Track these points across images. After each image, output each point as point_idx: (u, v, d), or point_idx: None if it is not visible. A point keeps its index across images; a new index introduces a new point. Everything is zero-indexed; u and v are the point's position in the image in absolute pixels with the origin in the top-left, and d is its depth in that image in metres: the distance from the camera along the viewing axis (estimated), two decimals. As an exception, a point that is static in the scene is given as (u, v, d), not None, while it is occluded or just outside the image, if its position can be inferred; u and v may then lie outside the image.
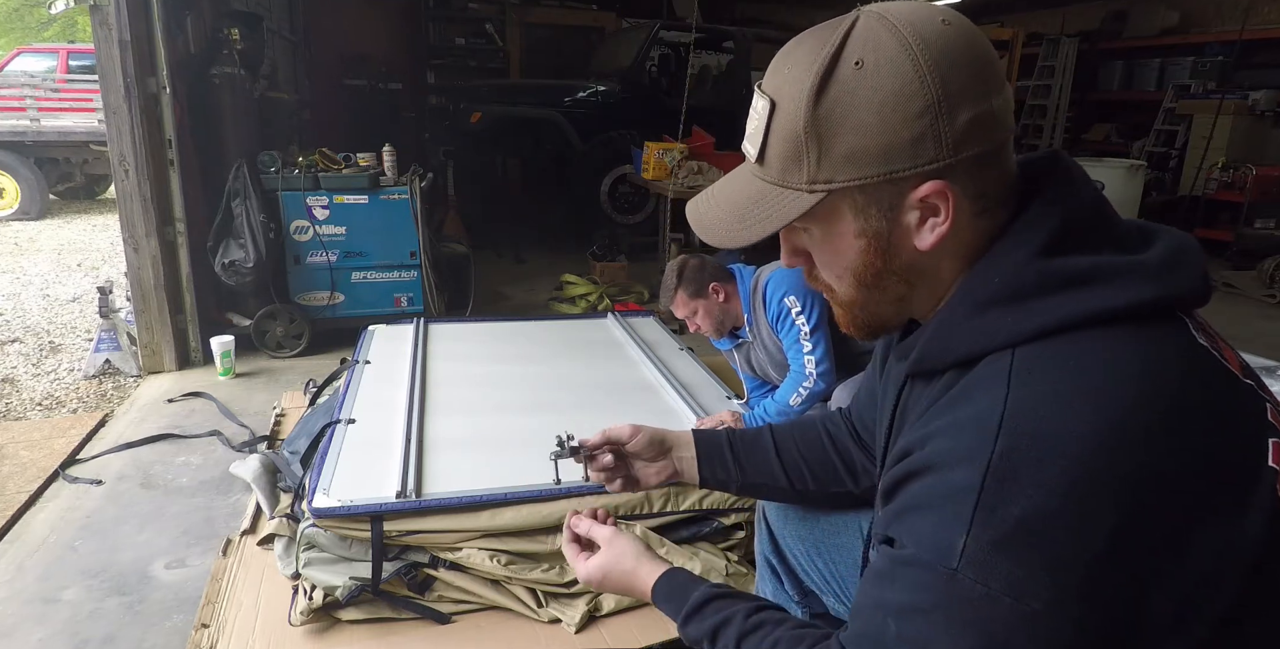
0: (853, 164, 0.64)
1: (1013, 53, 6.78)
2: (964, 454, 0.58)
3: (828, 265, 0.72)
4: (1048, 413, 0.56)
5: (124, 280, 3.51)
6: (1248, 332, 4.44)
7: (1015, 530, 0.55)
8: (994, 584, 0.55)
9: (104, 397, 3.25)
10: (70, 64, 8.40)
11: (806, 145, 0.65)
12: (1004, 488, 0.55)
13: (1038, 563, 0.54)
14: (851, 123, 0.62)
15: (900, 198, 0.65)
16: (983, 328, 0.63)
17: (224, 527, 2.15)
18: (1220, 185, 6.48)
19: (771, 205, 0.68)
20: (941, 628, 0.57)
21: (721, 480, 1.08)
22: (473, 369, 2.55)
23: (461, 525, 1.68)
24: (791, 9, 10.41)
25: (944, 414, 0.63)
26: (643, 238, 5.85)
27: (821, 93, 0.63)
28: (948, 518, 0.57)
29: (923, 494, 0.60)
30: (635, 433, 1.06)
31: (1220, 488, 0.57)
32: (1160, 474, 0.55)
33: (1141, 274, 0.61)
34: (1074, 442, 0.55)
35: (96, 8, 3.00)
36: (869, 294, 0.71)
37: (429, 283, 3.79)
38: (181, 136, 3.29)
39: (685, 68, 6.08)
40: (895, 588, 0.61)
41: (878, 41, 0.62)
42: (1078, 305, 0.60)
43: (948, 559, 0.56)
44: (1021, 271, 0.63)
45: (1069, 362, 0.59)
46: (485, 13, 8.14)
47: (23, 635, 1.74)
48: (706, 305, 2.29)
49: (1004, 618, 0.55)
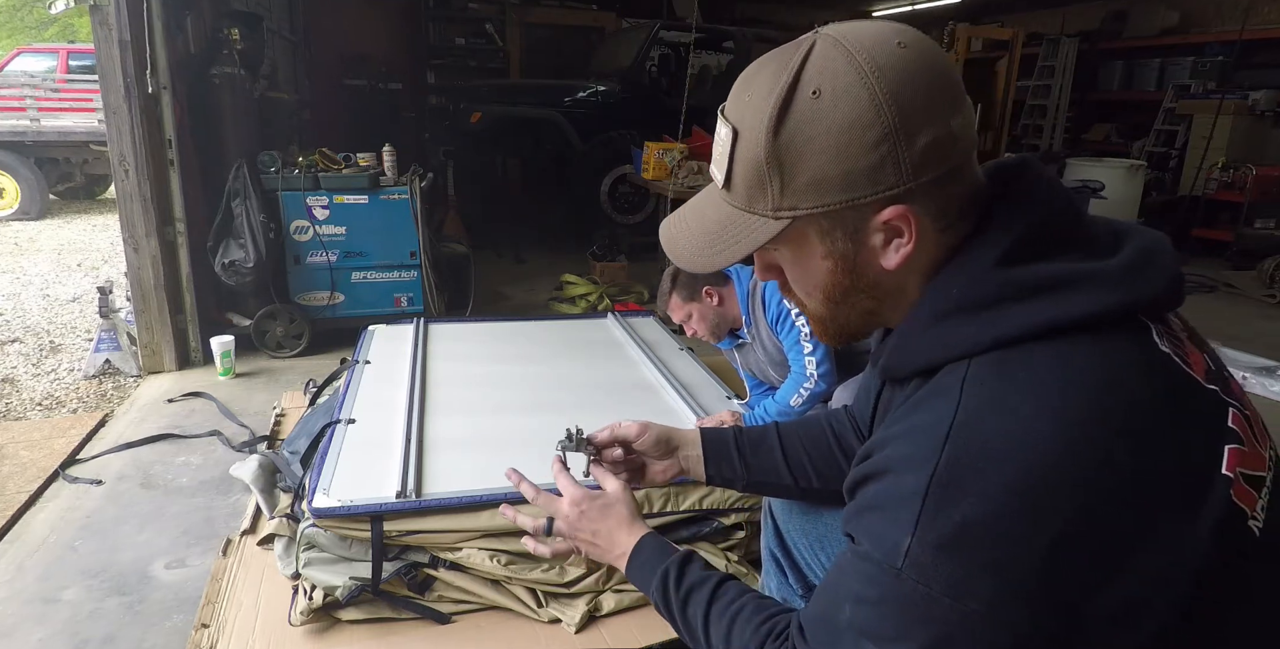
0: (815, 192, 0.65)
1: (1013, 53, 6.79)
2: (914, 461, 0.60)
3: (798, 283, 0.75)
4: (995, 424, 0.58)
5: (124, 280, 3.51)
6: (1248, 332, 4.44)
7: (956, 535, 0.56)
8: (935, 586, 0.57)
9: (104, 397, 3.25)
10: (70, 64, 8.40)
11: (769, 174, 0.65)
12: (947, 494, 0.57)
13: (977, 566, 0.56)
14: (811, 152, 0.63)
15: (864, 222, 0.66)
16: (941, 338, 0.65)
17: (224, 527, 2.15)
18: (1220, 185, 6.48)
19: (740, 230, 0.70)
20: (888, 620, 0.60)
21: (728, 478, 1.09)
22: (473, 369, 2.55)
23: (461, 525, 1.68)
24: (791, 9, 10.41)
25: (902, 420, 0.65)
26: (643, 238, 5.85)
27: (780, 123, 0.63)
28: (895, 520, 0.59)
29: (876, 496, 0.63)
30: (643, 431, 1.07)
31: (1168, 498, 0.57)
32: (1105, 485, 0.56)
33: (1102, 281, 0.62)
34: (1019, 452, 0.56)
35: (96, 8, 3.00)
36: (837, 309, 0.73)
37: (429, 283, 3.79)
38: (181, 136, 3.29)
39: (685, 68, 6.08)
40: (851, 578, 0.64)
41: (834, 69, 0.62)
42: (1034, 315, 0.61)
43: (894, 559, 0.59)
44: (980, 282, 0.64)
45: (1020, 374, 0.60)
46: (485, 13, 8.14)
47: (23, 635, 1.74)
48: (701, 309, 2.29)
49: (944, 618, 0.57)
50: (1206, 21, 7.98)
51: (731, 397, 2.39)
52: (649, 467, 1.09)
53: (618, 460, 1.07)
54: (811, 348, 2.15)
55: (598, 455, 1.06)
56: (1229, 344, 3.91)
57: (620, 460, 1.07)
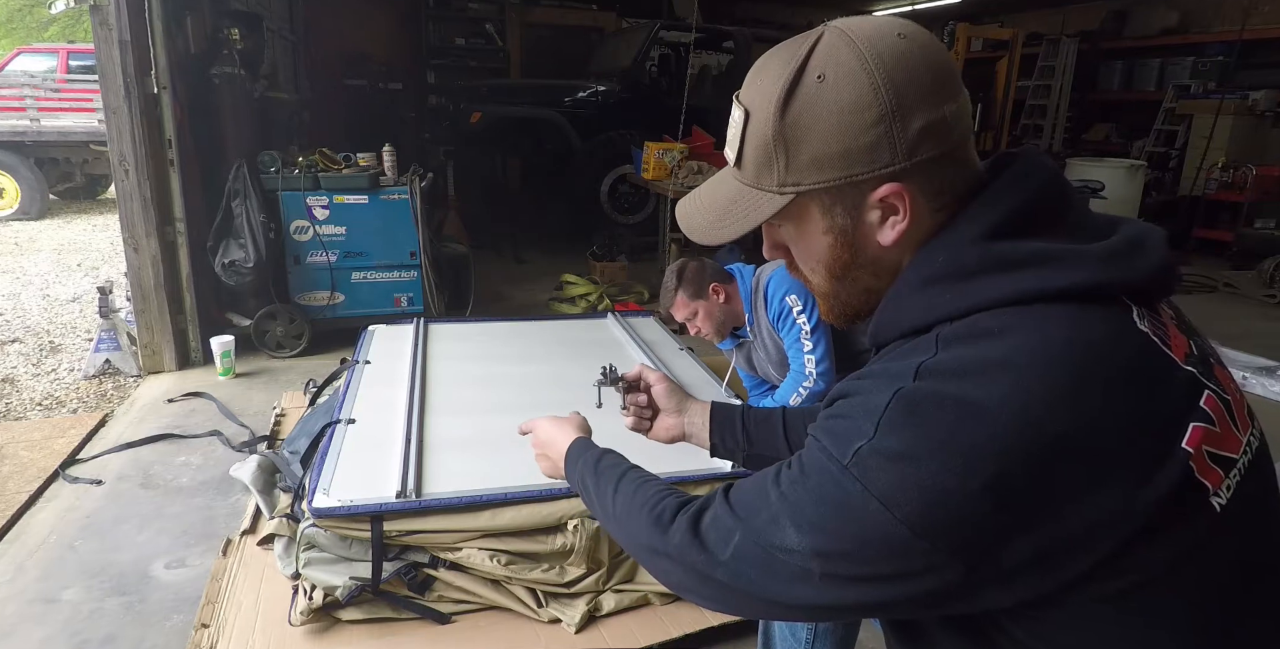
0: (816, 168, 0.70)
1: (1013, 53, 6.79)
2: (883, 386, 0.65)
3: (802, 259, 0.79)
4: (956, 370, 0.63)
5: (124, 280, 3.52)
6: (1248, 331, 4.44)
7: (903, 452, 0.61)
8: (872, 487, 0.61)
9: (104, 397, 3.25)
10: (70, 64, 8.39)
11: (775, 152, 0.71)
12: (904, 415, 0.62)
13: (913, 484, 0.60)
14: (814, 131, 0.69)
15: (862, 198, 0.70)
16: (925, 303, 0.69)
17: (224, 527, 2.15)
18: (1220, 185, 6.47)
19: (748, 205, 0.75)
20: (816, 506, 0.64)
21: (730, 449, 1.15)
22: (473, 369, 2.55)
23: (461, 525, 1.68)
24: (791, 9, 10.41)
25: (879, 362, 0.71)
26: (643, 238, 5.85)
27: (788, 104, 0.69)
28: (855, 428, 0.64)
29: (844, 408, 0.68)
30: (662, 381, 1.17)
31: (1114, 460, 0.61)
32: (1052, 440, 0.59)
33: (1082, 260, 0.66)
34: (974, 395, 0.60)
35: (96, 8, 3.00)
36: (839, 285, 0.78)
37: (429, 283, 3.79)
38: (181, 136, 3.29)
39: (685, 68, 6.08)
40: (795, 462, 0.69)
41: (838, 57, 0.68)
42: (1013, 284, 0.65)
43: (843, 456, 0.63)
44: (964, 252, 0.68)
45: (993, 330, 0.64)
46: (485, 13, 8.15)
47: (23, 635, 1.74)
48: (707, 307, 2.29)
49: (866, 517, 0.61)
50: (1206, 21, 7.98)
51: (732, 397, 2.39)
52: (658, 420, 1.17)
53: (640, 404, 1.17)
54: (811, 346, 2.15)
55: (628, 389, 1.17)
56: (1229, 344, 3.90)
57: (644, 405, 1.17)
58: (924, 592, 0.62)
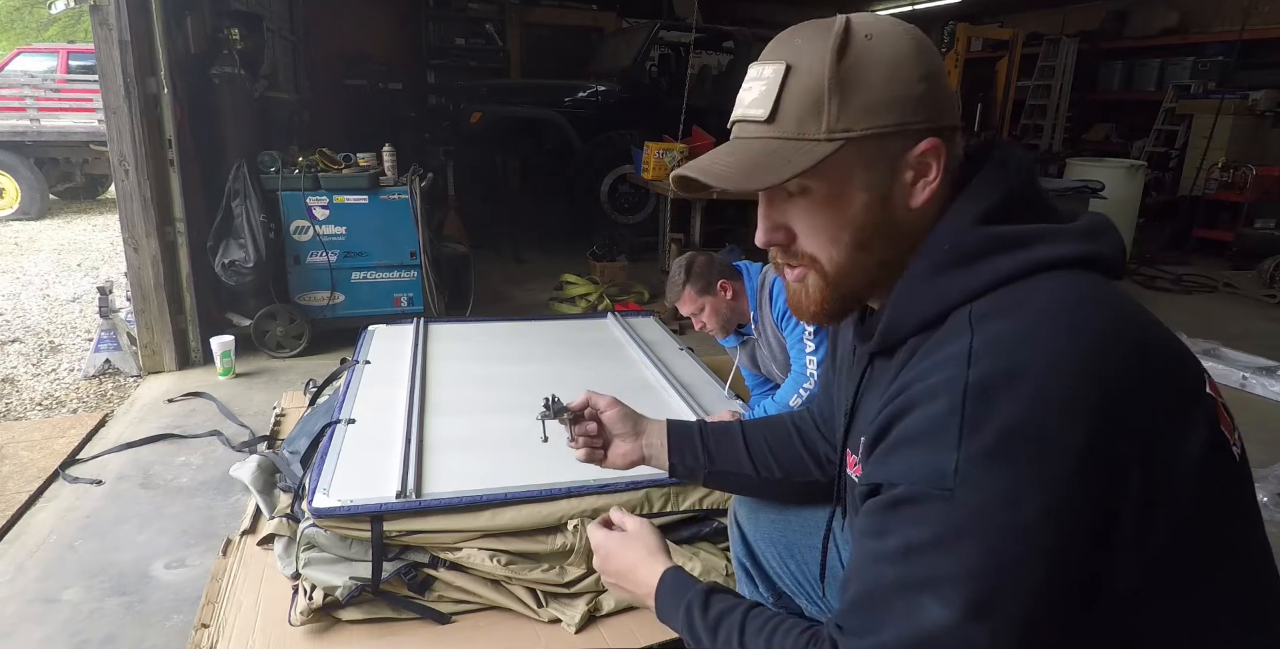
0: (870, 114, 0.71)
1: (1013, 53, 6.78)
2: (941, 388, 0.62)
3: (824, 228, 0.75)
4: (1012, 340, 0.62)
5: (124, 280, 3.51)
6: (1248, 331, 4.44)
7: (1000, 442, 0.59)
8: (989, 497, 0.59)
9: (104, 397, 3.25)
10: (70, 64, 8.39)
11: (828, 97, 0.71)
12: (981, 407, 0.60)
13: (1024, 471, 0.58)
14: (869, 78, 0.71)
15: (903, 153, 0.72)
16: (938, 290, 0.70)
17: (224, 527, 2.15)
18: (1220, 185, 6.47)
19: (786, 156, 0.72)
20: (945, 558, 0.60)
21: (690, 468, 1.11)
22: (473, 369, 2.55)
23: (461, 525, 1.68)
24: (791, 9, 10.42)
25: (916, 366, 0.68)
26: (643, 238, 5.85)
27: (842, 53, 0.71)
28: (936, 445, 0.61)
29: (908, 430, 0.64)
30: (613, 405, 1.10)
31: (1172, 402, 0.63)
32: (1123, 385, 0.60)
33: (1069, 236, 0.70)
34: (1041, 359, 0.60)
35: (96, 8, 3.00)
36: (858, 257, 0.76)
37: (429, 283, 3.79)
38: (181, 136, 3.29)
39: (685, 68, 6.09)
40: (890, 533, 0.63)
41: (878, 24, 0.73)
42: (1021, 258, 0.68)
43: (943, 483, 0.60)
44: (966, 237, 0.71)
45: (1022, 300, 0.66)
46: (485, 13, 8.14)
47: (23, 635, 1.74)
48: (714, 302, 2.29)
49: (1001, 528, 0.58)
50: (1206, 21, 7.98)
51: (732, 396, 2.39)
52: (613, 447, 1.11)
53: (590, 434, 1.09)
54: (813, 347, 2.15)
55: (574, 420, 1.08)
56: (1229, 344, 3.90)
57: (593, 435, 1.09)
58: (1081, 574, 0.60)
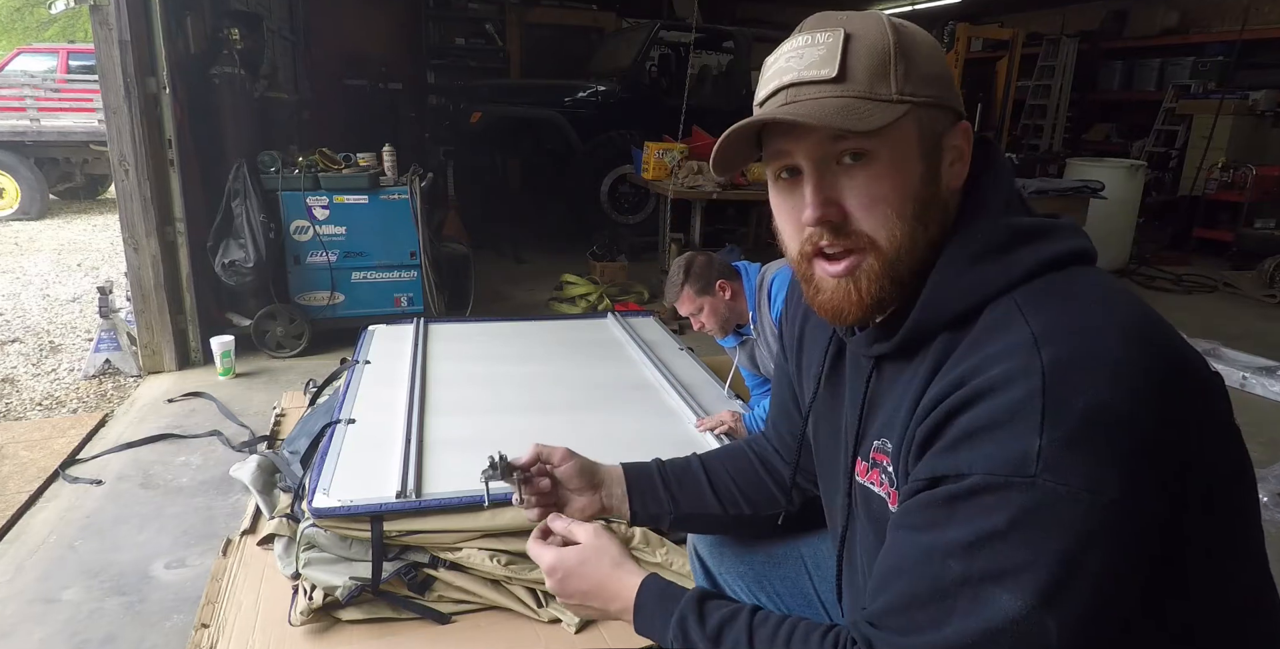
0: (927, 82, 0.72)
1: (1013, 53, 6.78)
2: (1015, 374, 0.61)
3: (886, 198, 0.71)
4: (1074, 325, 0.63)
5: (124, 280, 3.51)
6: (1248, 331, 4.44)
7: (1083, 425, 0.58)
8: (1074, 481, 0.58)
9: (104, 397, 3.25)
10: (70, 64, 8.39)
11: (895, 60, 0.70)
12: (1063, 390, 0.59)
13: (1108, 453, 0.58)
14: (922, 52, 0.72)
15: (949, 127, 0.74)
16: (976, 280, 0.69)
17: (224, 527, 2.15)
18: (1220, 185, 6.47)
19: (865, 111, 0.69)
20: (1019, 546, 0.59)
21: (654, 514, 1.04)
22: (473, 369, 2.55)
23: (461, 525, 1.68)
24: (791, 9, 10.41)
25: (970, 357, 0.65)
26: (643, 238, 5.85)
27: (896, 26, 0.72)
28: (1017, 431, 0.59)
29: (980, 420, 0.62)
30: (567, 458, 1.00)
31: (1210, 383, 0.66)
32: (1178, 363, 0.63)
33: (1069, 231, 0.72)
34: (1109, 342, 0.61)
35: (96, 8, 3.00)
36: (915, 231, 0.72)
37: (429, 283, 3.79)
38: (181, 136, 3.29)
39: (685, 68, 6.08)
40: (953, 525, 0.61)
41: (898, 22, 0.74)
42: (1049, 249, 0.69)
43: (1025, 469, 0.58)
44: (996, 229, 0.71)
45: (1065, 289, 0.67)
46: (485, 13, 8.14)
47: (23, 635, 1.74)
48: (713, 302, 2.28)
49: (1085, 515, 0.57)
50: (1206, 21, 7.98)
51: (732, 397, 2.39)
52: (569, 503, 1.01)
53: (543, 491, 0.99)
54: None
55: (525, 479, 0.97)
56: (1229, 344, 3.90)
57: (546, 492, 0.99)
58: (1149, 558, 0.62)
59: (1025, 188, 5.11)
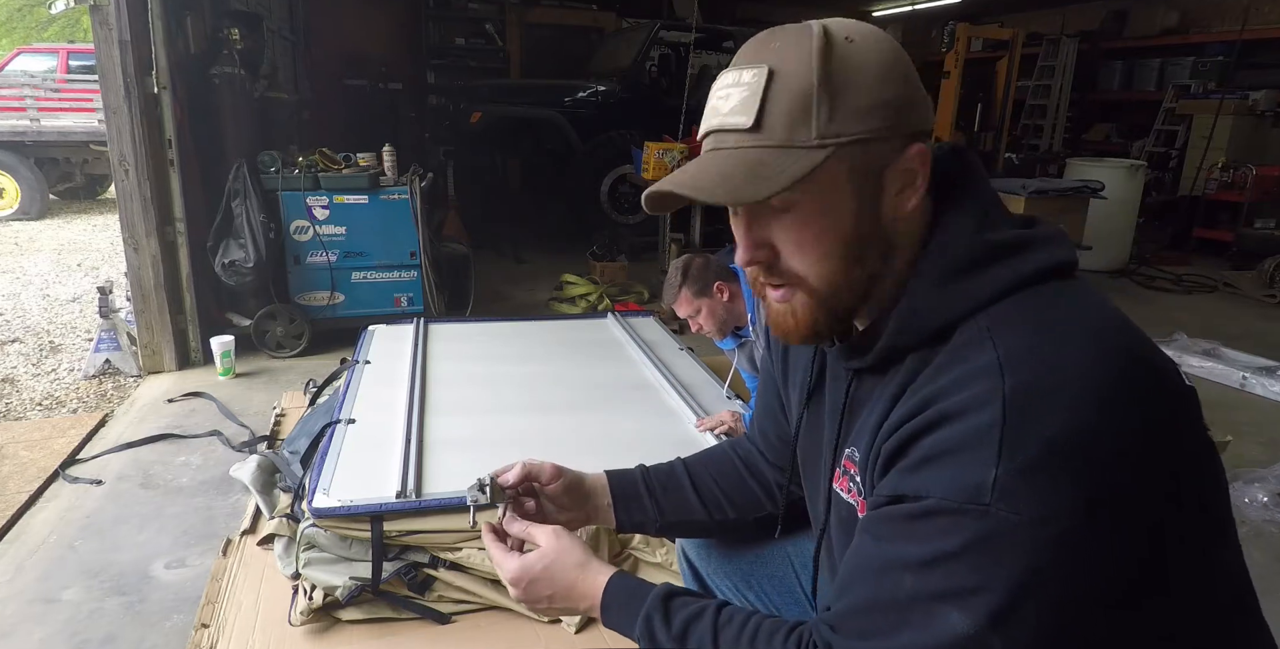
0: (859, 117, 0.68)
1: (1013, 53, 6.78)
2: (978, 400, 0.61)
3: (813, 243, 0.71)
4: (1036, 352, 0.62)
5: (124, 280, 3.51)
6: (1248, 331, 4.44)
7: (1040, 456, 0.58)
8: (1027, 511, 0.58)
9: (104, 397, 3.25)
10: (70, 64, 8.39)
11: (818, 100, 0.67)
12: (1024, 418, 0.59)
13: (1065, 483, 0.58)
14: (858, 80, 0.68)
15: (891, 158, 0.70)
16: (949, 299, 0.69)
17: (224, 527, 2.15)
18: (1220, 185, 6.47)
19: (777, 166, 0.68)
20: (970, 569, 0.59)
21: (639, 522, 1.04)
22: (473, 369, 2.55)
23: (462, 525, 1.68)
24: (791, 9, 10.42)
25: (937, 379, 0.66)
26: (643, 238, 5.85)
27: (829, 53, 0.68)
28: (975, 459, 0.59)
29: (943, 443, 0.62)
30: (555, 477, 0.98)
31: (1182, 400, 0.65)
32: (1150, 388, 0.62)
33: (1049, 242, 0.70)
34: (1073, 368, 0.60)
35: (96, 8, 3.00)
36: (849, 270, 0.72)
37: (429, 283, 3.79)
38: (181, 136, 3.29)
39: (685, 68, 6.09)
40: (912, 543, 0.62)
41: (856, 27, 0.70)
42: (1022, 266, 0.68)
43: (979, 497, 0.59)
44: (970, 246, 0.70)
45: (1032, 311, 0.66)
46: (485, 13, 8.15)
47: (23, 635, 1.74)
48: (710, 304, 2.28)
49: (1038, 544, 0.58)
50: (1206, 21, 7.98)
51: (732, 397, 2.39)
52: (555, 518, 0.98)
53: (530, 513, 0.96)
54: (812, 348, 2.15)
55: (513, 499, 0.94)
56: (1229, 344, 3.90)
57: (533, 512, 0.96)
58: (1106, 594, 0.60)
59: (1025, 188, 5.11)
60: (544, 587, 0.84)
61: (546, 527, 0.89)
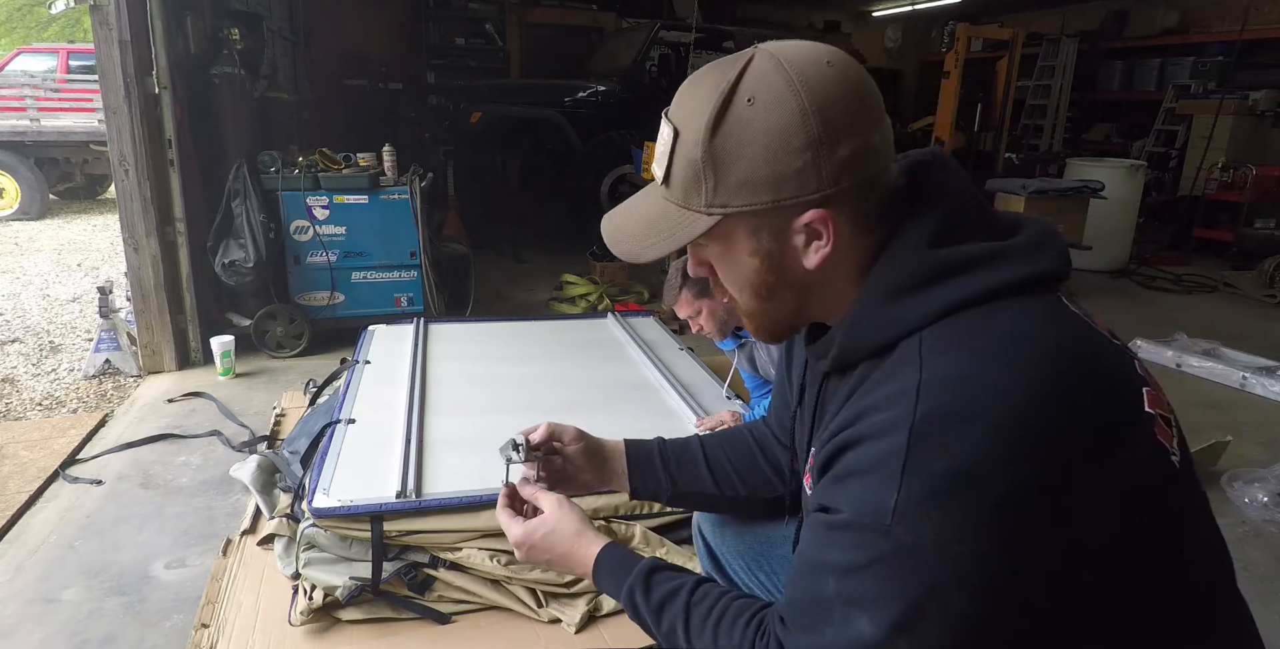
0: (744, 192, 0.70)
1: (1013, 53, 6.78)
2: (890, 424, 0.64)
3: (728, 279, 0.78)
4: (957, 378, 0.63)
5: (124, 280, 3.51)
6: (1248, 331, 4.44)
7: (940, 482, 0.61)
8: (924, 534, 0.61)
9: (104, 397, 3.25)
10: (70, 64, 8.40)
11: (704, 173, 0.71)
12: (928, 446, 0.61)
13: (960, 509, 0.60)
14: (743, 154, 0.69)
15: (788, 222, 0.71)
16: (890, 318, 0.70)
17: (224, 527, 2.15)
18: (1220, 185, 6.47)
19: (675, 224, 0.74)
20: (877, 582, 0.63)
21: (652, 491, 1.09)
22: (473, 369, 2.55)
23: (461, 525, 1.68)
24: (791, 9, 10.41)
25: (869, 395, 0.69)
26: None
27: (718, 125, 0.69)
28: (880, 481, 0.63)
29: (856, 463, 0.66)
30: (577, 439, 1.07)
31: (1115, 428, 0.65)
32: (1069, 417, 0.62)
33: (1012, 257, 0.69)
34: (990, 397, 0.62)
35: (96, 8, 3.00)
36: (766, 305, 0.78)
37: (429, 283, 3.79)
38: (181, 136, 3.29)
39: (685, 68, 6.09)
40: (833, 550, 0.67)
41: (768, 81, 0.68)
42: (966, 287, 0.68)
43: (881, 518, 0.62)
44: (916, 264, 0.70)
45: (967, 334, 0.66)
46: (485, 13, 8.15)
47: (23, 635, 1.74)
48: (711, 305, 2.28)
49: (932, 567, 0.61)
50: (1206, 21, 7.98)
51: (732, 397, 2.39)
52: (575, 478, 1.07)
53: (557, 469, 1.05)
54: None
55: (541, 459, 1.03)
56: (1229, 344, 3.90)
57: (559, 469, 1.06)
58: (1008, 613, 0.63)
59: (1025, 188, 5.11)
60: (543, 552, 0.93)
61: (552, 495, 0.96)
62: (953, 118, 6.49)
